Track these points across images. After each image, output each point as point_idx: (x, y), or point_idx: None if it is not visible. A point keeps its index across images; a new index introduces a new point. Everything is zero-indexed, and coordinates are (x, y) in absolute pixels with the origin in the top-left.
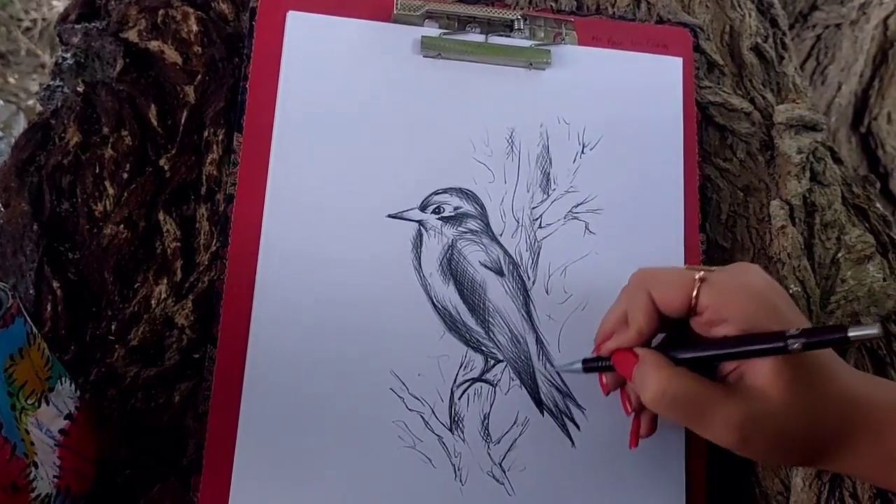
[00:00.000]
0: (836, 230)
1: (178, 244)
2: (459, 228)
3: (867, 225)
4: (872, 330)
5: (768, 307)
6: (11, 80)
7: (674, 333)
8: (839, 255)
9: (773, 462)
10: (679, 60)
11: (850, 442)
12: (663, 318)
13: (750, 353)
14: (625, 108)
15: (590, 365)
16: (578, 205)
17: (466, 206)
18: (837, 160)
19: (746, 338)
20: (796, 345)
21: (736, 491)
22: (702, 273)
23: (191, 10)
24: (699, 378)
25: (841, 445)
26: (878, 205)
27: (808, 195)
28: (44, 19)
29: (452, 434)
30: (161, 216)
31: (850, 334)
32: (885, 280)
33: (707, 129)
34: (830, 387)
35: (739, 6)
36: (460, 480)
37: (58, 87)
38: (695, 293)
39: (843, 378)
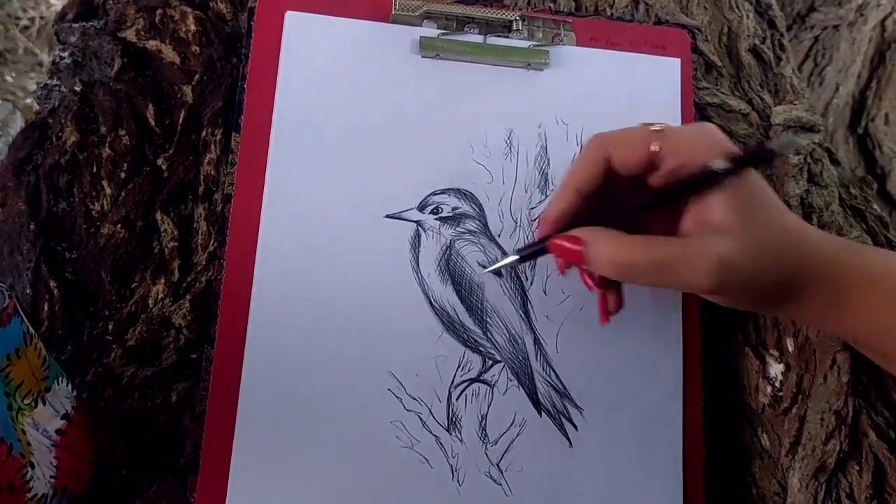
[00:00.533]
0: (833, 231)
1: (176, 244)
2: (458, 229)
3: (865, 226)
4: (791, 138)
5: (726, 148)
6: (9, 78)
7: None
8: None
9: (738, 305)
10: (677, 61)
11: (808, 280)
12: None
13: (689, 185)
14: (623, 108)
15: (527, 252)
16: None
17: (465, 207)
18: (835, 161)
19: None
20: (721, 167)
21: (733, 492)
22: (659, 125)
23: (189, 10)
24: (660, 238)
25: (801, 284)
26: (875, 206)
27: (805, 196)
28: (41, 18)
29: (450, 434)
30: (158, 216)
31: (771, 146)
32: None
33: None
34: (786, 221)
35: (737, 7)
36: (458, 481)
37: (55, 86)
38: (656, 144)
39: (792, 215)
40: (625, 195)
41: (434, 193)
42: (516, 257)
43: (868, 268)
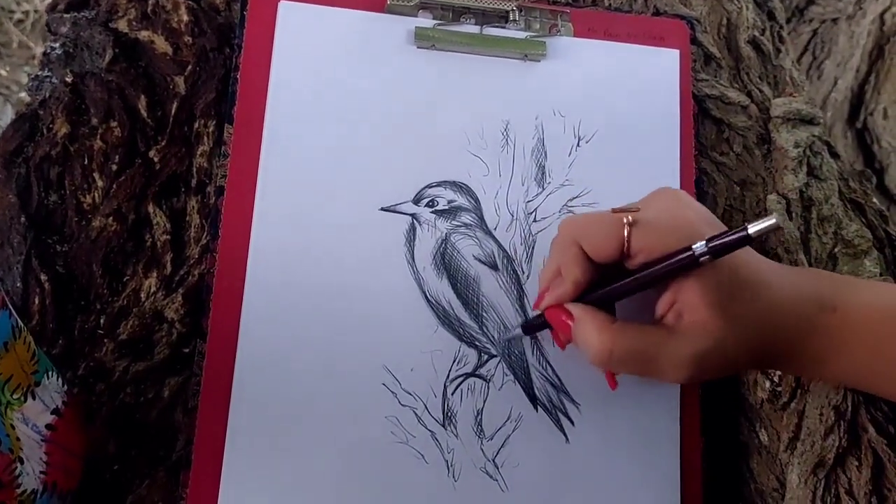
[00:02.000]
0: (832, 225)
1: (168, 237)
2: (453, 222)
3: (864, 220)
4: (770, 221)
5: (701, 231)
6: (3, 72)
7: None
8: (836, 249)
9: (721, 377)
10: (676, 53)
11: (782, 347)
12: (596, 264)
13: (663, 271)
14: (621, 100)
15: (530, 324)
16: (573, 198)
17: (460, 200)
18: (834, 154)
19: (661, 259)
20: (704, 252)
21: (731, 488)
22: (629, 216)
23: (181, 0)
24: (639, 328)
25: (776, 351)
26: (874, 200)
27: (804, 189)
28: (35, 11)
29: (445, 430)
30: (151, 208)
31: (750, 230)
32: (881, 275)
33: (703, 123)
34: (763, 300)
35: None
36: (453, 476)
37: (46, 77)
38: (626, 237)
39: (773, 285)
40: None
41: (429, 186)
42: (520, 332)
43: (850, 328)
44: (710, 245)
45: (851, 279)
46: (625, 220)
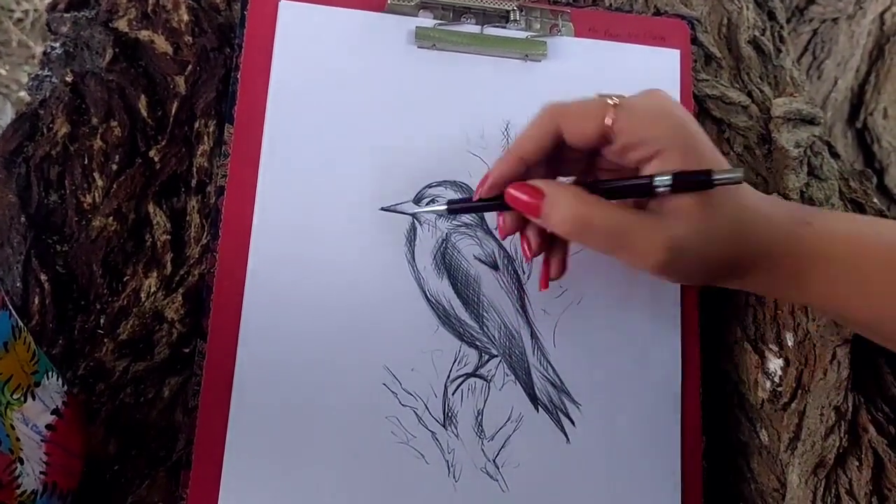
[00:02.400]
0: None
1: (168, 237)
2: (454, 222)
3: None
4: (737, 173)
5: (681, 131)
6: (3, 71)
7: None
8: None
9: (687, 283)
10: (676, 53)
11: (760, 256)
12: (566, 157)
13: (624, 189)
14: None
15: (471, 204)
16: None
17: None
18: (835, 154)
19: (624, 177)
20: (663, 185)
21: (732, 488)
22: (615, 98)
23: (181, 0)
24: (619, 205)
25: (752, 260)
26: (875, 199)
27: (805, 189)
28: (35, 10)
29: (446, 430)
30: (151, 208)
31: (714, 177)
32: None
33: (704, 123)
34: (745, 199)
35: None
36: (454, 477)
37: (46, 76)
38: (610, 117)
39: (756, 196)
40: (571, 164)
41: (430, 186)
42: (444, 207)
43: (825, 241)
44: (675, 181)
45: (828, 210)
46: (609, 101)
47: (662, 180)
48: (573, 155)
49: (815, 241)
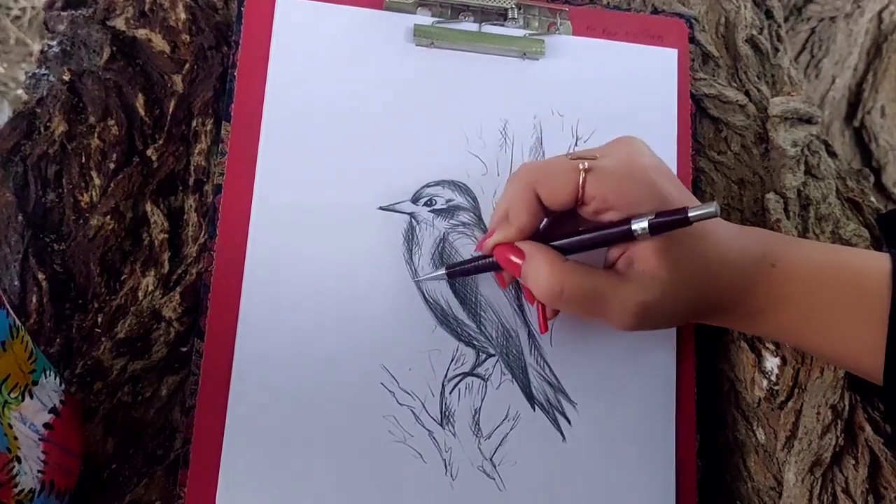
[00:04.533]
0: (830, 224)
1: (166, 236)
2: (451, 221)
3: (861, 219)
4: (710, 209)
5: (653, 191)
6: (0, 69)
7: (561, 220)
8: None
9: (663, 328)
10: (674, 52)
11: (724, 300)
12: (549, 211)
13: (603, 241)
14: (619, 99)
15: (459, 268)
16: None
17: (459, 199)
18: (832, 153)
19: (603, 226)
20: (641, 230)
21: (728, 486)
22: (587, 163)
23: None
24: (591, 270)
25: (718, 304)
26: (872, 198)
27: (802, 188)
28: (33, 8)
29: (443, 429)
30: (148, 207)
31: (690, 215)
32: None
33: (701, 122)
34: (712, 254)
35: None
36: (451, 475)
37: (43, 75)
38: (581, 184)
39: (722, 240)
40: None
41: (428, 185)
42: (443, 272)
43: (785, 283)
44: (651, 224)
45: (795, 238)
46: (580, 167)
47: (640, 224)
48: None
49: (779, 283)
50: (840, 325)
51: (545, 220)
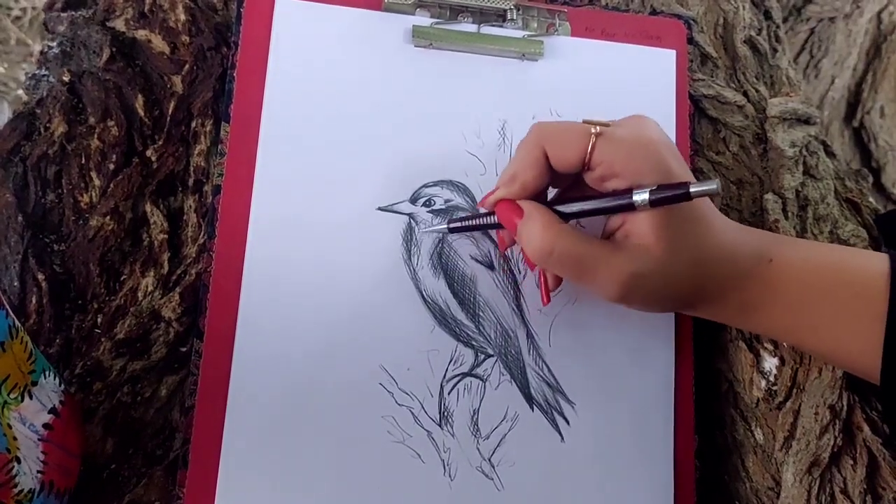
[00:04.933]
0: (829, 224)
1: (166, 236)
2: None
3: (860, 219)
4: (711, 185)
5: (659, 163)
6: (1, 69)
7: (567, 189)
8: None
9: (649, 311)
10: (672, 53)
11: (718, 290)
12: (556, 174)
13: (604, 209)
14: (617, 100)
15: (470, 223)
16: None
17: (457, 199)
18: (830, 154)
19: (607, 196)
20: (642, 200)
21: (727, 486)
22: (598, 128)
23: None
24: (584, 236)
25: (711, 293)
26: (870, 199)
27: (800, 189)
28: (34, 8)
29: (442, 429)
30: (148, 208)
31: (692, 190)
32: None
33: (700, 122)
34: (708, 239)
35: None
36: (449, 476)
37: (43, 76)
38: (590, 148)
39: (719, 229)
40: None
41: (426, 185)
42: (446, 226)
43: (779, 279)
44: (652, 195)
45: (792, 238)
46: (592, 131)
47: (641, 195)
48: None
49: (773, 280)
50: (837, 324)
51: (551, 189)
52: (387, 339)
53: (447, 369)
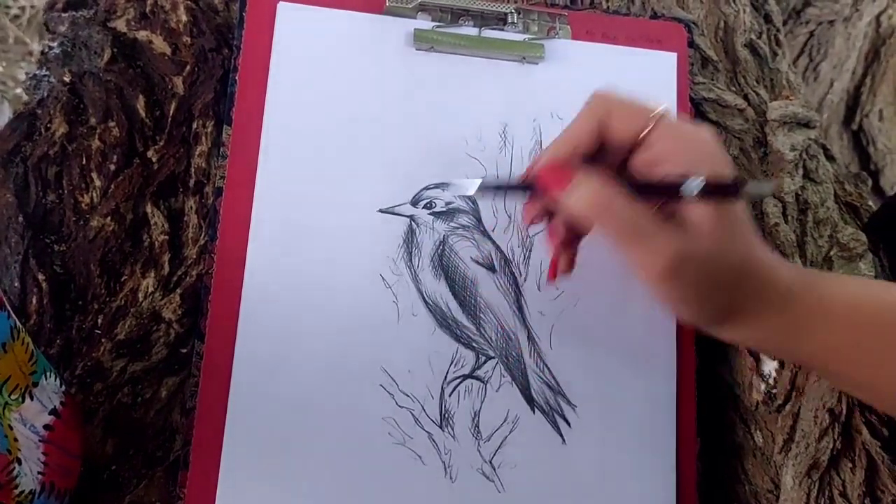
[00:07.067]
0: (828, 228)
1: (166, 237)
2: (451, 224)
3: (859, 223)
4: (767, 187)
5: (714, 158)
6: None
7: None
8: (832, 252)
9: (688, 310)
10: (673, 56)
11: (758, 307)
12: (603, 152)
13: (653, 187)
14: None
15: (502, 185)
16: None
17: (458, 202)
18: (830, 157)
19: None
20: (696, 186)
21: (726, 489)
22: (662, 110)
23: (180, 0)
24: (645, 205)
25: (750, 309)
26: (870, 202)
27: (800, 192)
28: (32, 7)
29: (443, 431)
30: (149, 209)
31: (748, 188)
32: (876, 278)
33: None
34: (755, 249)
35: (734, 2)
36: (450, 478)
37: (44, 76)
38: (650, 127)
39: (762, 246)
40: (607, 158)
41: (427, 188)
42: (478, 183)
43: (825, 305)
44: (707, 184)
45: (836, 273)
46: (656, 112)
47: (695, 183)
48: (610, 147)
49: (815, 304)
50: (884, 359)
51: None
52: (387, 340)
53: (448, 371)
